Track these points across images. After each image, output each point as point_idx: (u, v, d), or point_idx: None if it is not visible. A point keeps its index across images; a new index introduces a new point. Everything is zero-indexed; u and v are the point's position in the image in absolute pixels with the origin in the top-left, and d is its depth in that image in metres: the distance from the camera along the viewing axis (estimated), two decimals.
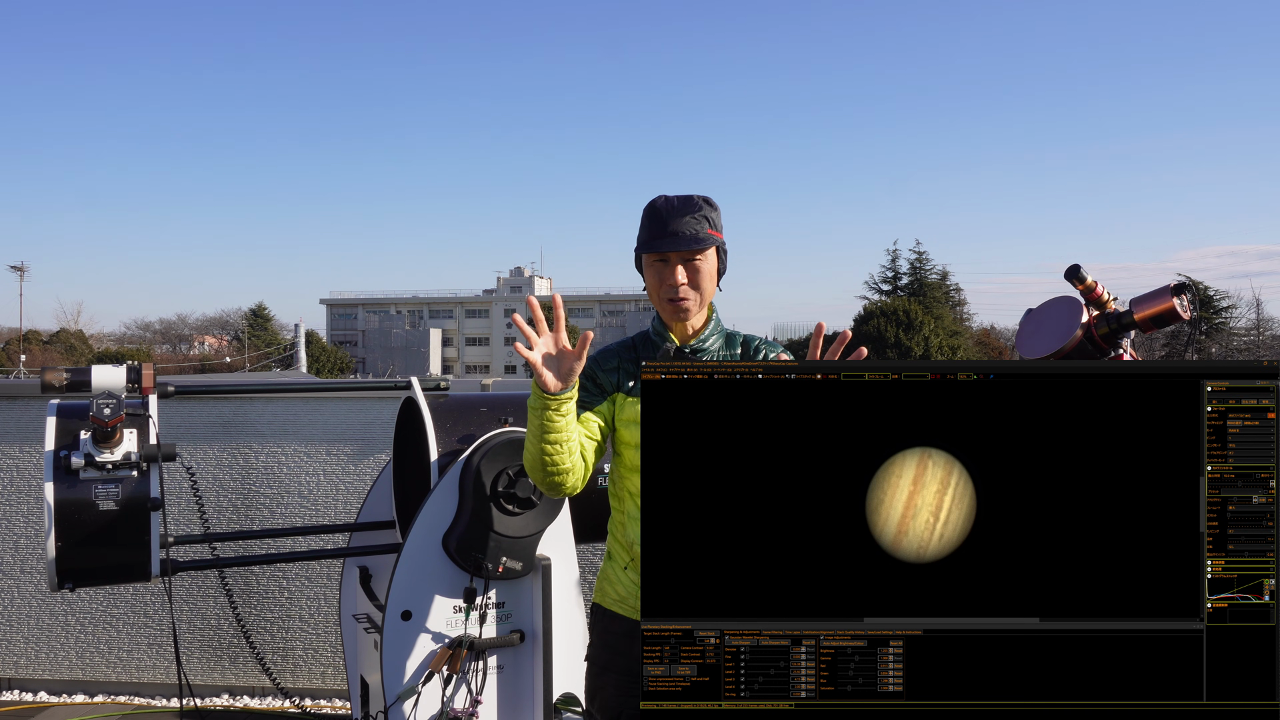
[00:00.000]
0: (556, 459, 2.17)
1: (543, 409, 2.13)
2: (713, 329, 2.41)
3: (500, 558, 2.89)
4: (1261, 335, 51.92)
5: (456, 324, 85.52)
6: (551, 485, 2.23)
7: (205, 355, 72.96)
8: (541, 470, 2.19)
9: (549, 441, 2.15)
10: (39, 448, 4.84)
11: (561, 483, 2.22)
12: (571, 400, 2.15)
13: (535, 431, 2.16)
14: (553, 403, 2.12)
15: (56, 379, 2.99)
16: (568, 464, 2.18)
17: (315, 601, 4.87)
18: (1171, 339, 39.71)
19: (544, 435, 2.14)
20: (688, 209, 2.29)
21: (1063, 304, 2.49)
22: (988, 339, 53.66)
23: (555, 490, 2.25)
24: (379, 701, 2.94)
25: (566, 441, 2.16)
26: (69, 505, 2.82)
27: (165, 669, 4.90)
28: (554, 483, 2.22)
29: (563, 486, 2.23)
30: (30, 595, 4.93)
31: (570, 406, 2.15)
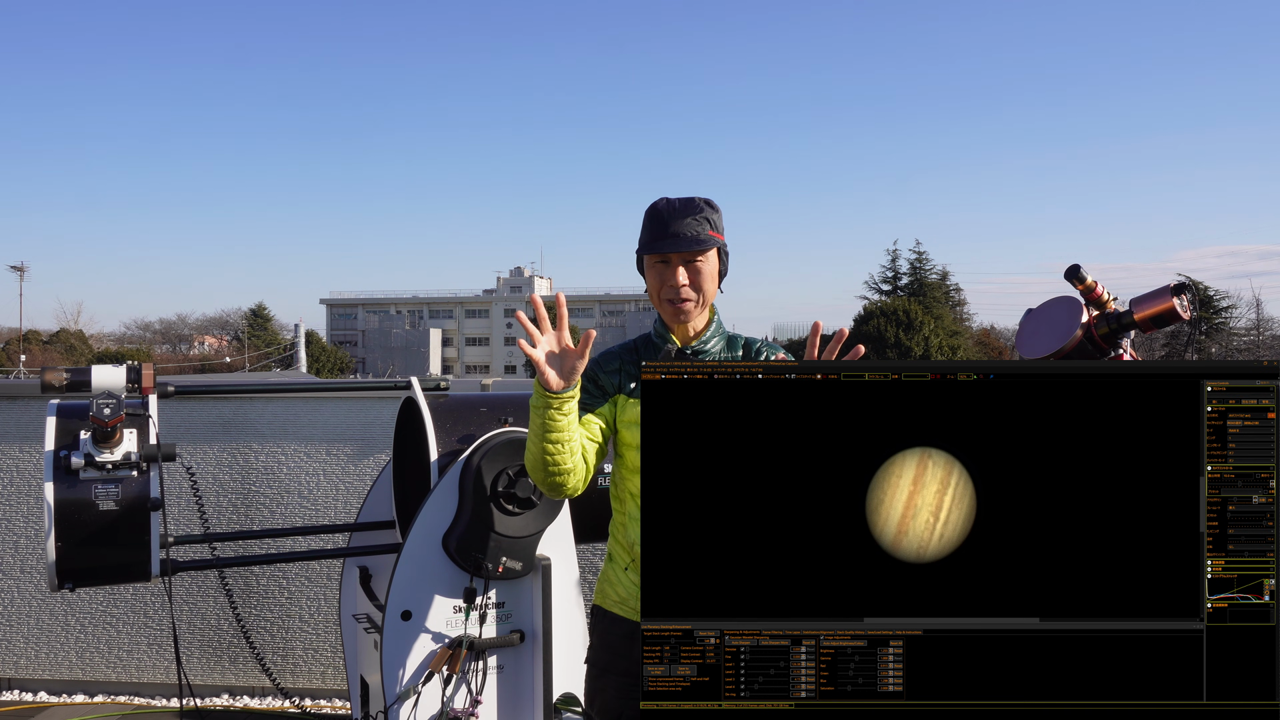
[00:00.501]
0: (558, 459, 2.17)
1: (545, 408, 2.13)
2: (714, 330, 2.41)
3: (500, 558, 2.89)
4: (1261, 335, 51.92)
5: (456, 324, 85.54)
6: (552, 486, 2.23)
7: (205, 355, 72.96)
8: (543, 470, 2.19)
9: (551, 441, 2.15)
10: (39, 448, 4.84)
11: (563, 483, 2.22)
12: (574, 400, 2.15)
13: (537, 431, 2.16)
14: (555, 401, 2.12)
15: (56, 379, 2.99)
16: (569, 464, 2.18)
17: (315, 601, 4.87)
18: (1171, 339, 39.72)
19: (546, 435, 2.14)
20: (689, 210, 2.30)
21: (1063, 304, 2.49)
22: (988, 339, 53.66)
23: (556, 491, 2.24)
24: (379, 701, 2.94)
25: (568, 441, 2.16)
26: (69, 505, 2.82)
27: (165, 669, 4.90)
28: (555, 483, 2.21)
29: (564, 487, 2.23)
30: (30, 595, 4.93)
31: (572, 406, 2.15)
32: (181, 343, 78.17)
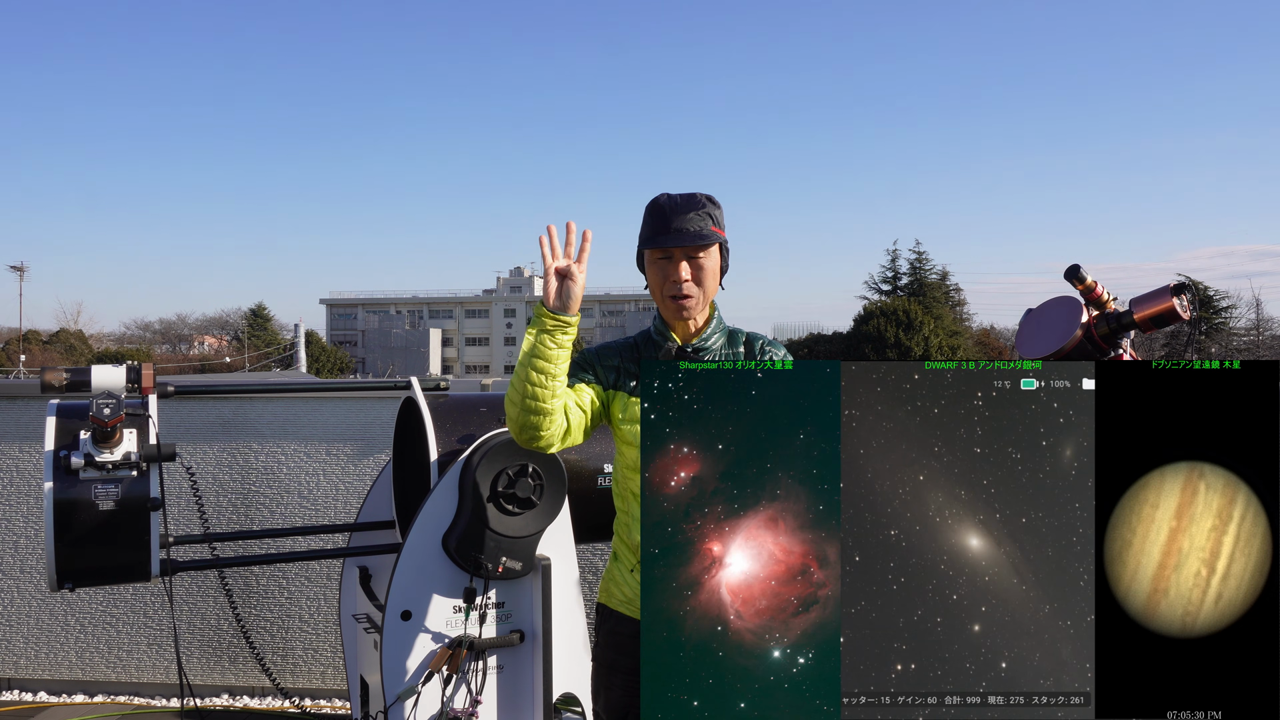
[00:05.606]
0: (539, 391, 2.14)
1: (539, 330, 2.14)
2: (714, 327, 2.41)
3: (500, 557, 2.88)
4: (1261, 335, 51.88)
5: (456, 324, 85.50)
6: (527, 425, 2.17)
7: (205, 355, 72.91)
8: (520, 403, 2.16)
9: (536, 369, 2.13)
10: (39, 448, 4.84)
11: (538, 424, 2.17)
12: (568, 333, 2.15)
13: (525, 358, 2.16)
14: (550, 324, 2.13)
15: (56, 379, 2.99)
16: (549, 404, 2.15)
17: (315, 601, 4.87)
18: (1171, 339, 39.68)
19: (532, 360, 2.14)
20: (691, 206, 2.30)
21: (1063, 304, 2.49)
22: (987, 339, 53.62)
23: (530, 434, 2.19)
24: (379, 701, 2.94)
25: (553, 377, 2.15)
26: (69, 505, 2.82)
27: (165, 669, 4.90)
28: (531, 422, 2.17)
29: (539, 429, 2.18)
30: (30, 595, 4.93)
31: (565, 340, 2.15)
32: (181, 343, 78.12)
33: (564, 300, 2.15)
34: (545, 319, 2.14)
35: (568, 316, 2.15)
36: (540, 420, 2.16)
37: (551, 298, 2.14)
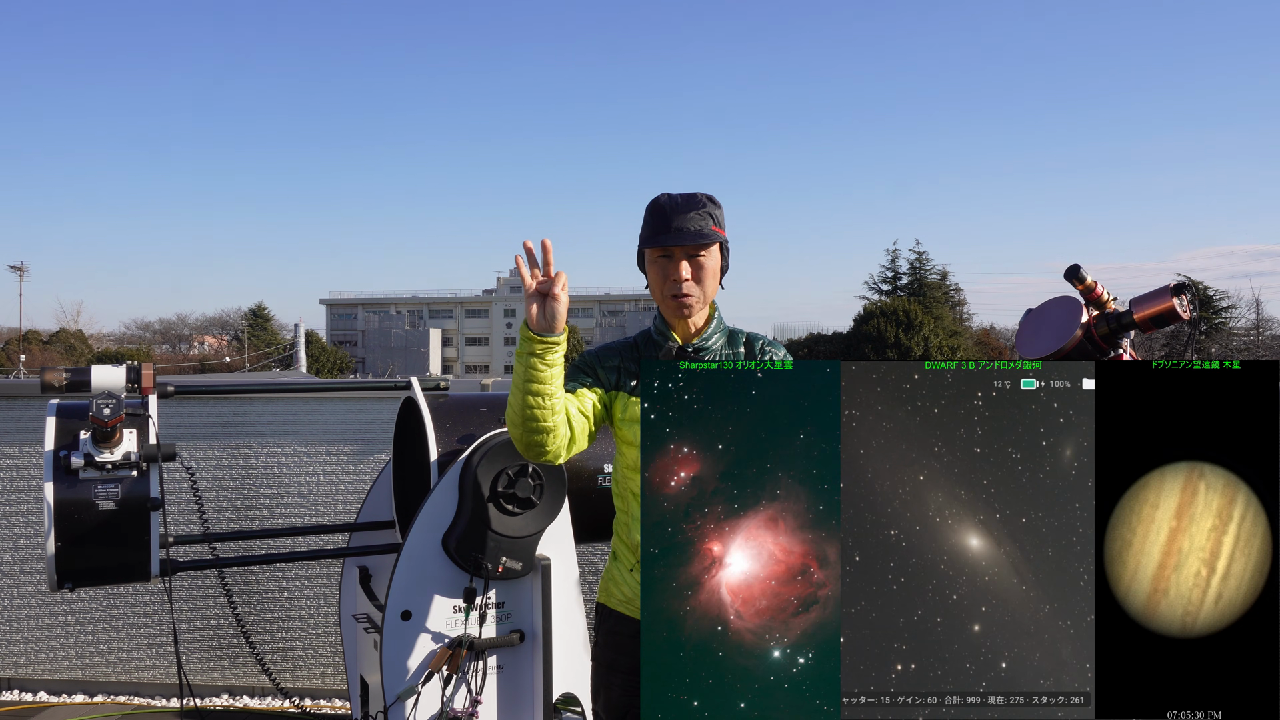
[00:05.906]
0: (538, 413, 2.12)
1: (528, 354, 2.11)
2: (715, 327, 2.41)
3: (500, 557, 2.88)
4: (1261, 335, 51.89)
5: (456, 324, 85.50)
6: (531, 444, 2.17)
7: (205, 355, 72.92)
8: (522, 425, 2.15)
9: (532, 393, 2.11)
10: (39, 448, 4.84)
11: (542, 442, 2.16)
12: (557, 351, 2.12)
13: (519, 381, 2.13)
14: (539, 346, 2.10)
15: (56, 379, 2.99)
16: (550, 422, 2.14)
17: (315, 601, 4.87)
18: (1171, 339, 39.68)
19: (527, 384, 2.11)
20: (692, 205, 2.30)
21: (1063, 304, 2.49)
22: (987, 339, 53.63)
23: (536, 451, 2.18)
24: (379, 701, 2.94)
25: (550, 396, 2.12)
26: (69, 505, 2.82)
27: (165, 669, 4.90)
28: (535, 441, 2.16)
29: (544, 447, 2.17)
30: (30, 595, 4.93)
31: (556, 358, 2.12)
32: (181, 343, 78.13)
33: (549, 320, 2.11)
34: (534, 343, 2.11)
35: (554, 337, 2.11)
36: (544, 438, 2.16)
37: (534, 320, 2.11)
